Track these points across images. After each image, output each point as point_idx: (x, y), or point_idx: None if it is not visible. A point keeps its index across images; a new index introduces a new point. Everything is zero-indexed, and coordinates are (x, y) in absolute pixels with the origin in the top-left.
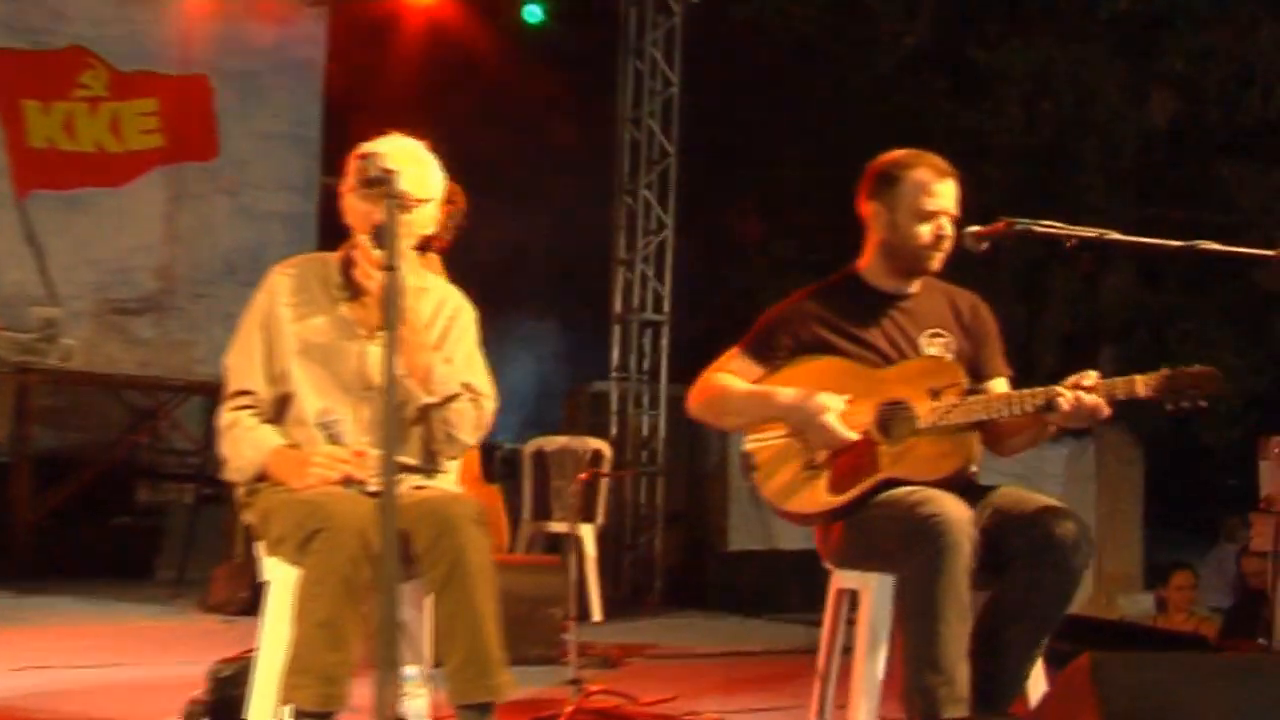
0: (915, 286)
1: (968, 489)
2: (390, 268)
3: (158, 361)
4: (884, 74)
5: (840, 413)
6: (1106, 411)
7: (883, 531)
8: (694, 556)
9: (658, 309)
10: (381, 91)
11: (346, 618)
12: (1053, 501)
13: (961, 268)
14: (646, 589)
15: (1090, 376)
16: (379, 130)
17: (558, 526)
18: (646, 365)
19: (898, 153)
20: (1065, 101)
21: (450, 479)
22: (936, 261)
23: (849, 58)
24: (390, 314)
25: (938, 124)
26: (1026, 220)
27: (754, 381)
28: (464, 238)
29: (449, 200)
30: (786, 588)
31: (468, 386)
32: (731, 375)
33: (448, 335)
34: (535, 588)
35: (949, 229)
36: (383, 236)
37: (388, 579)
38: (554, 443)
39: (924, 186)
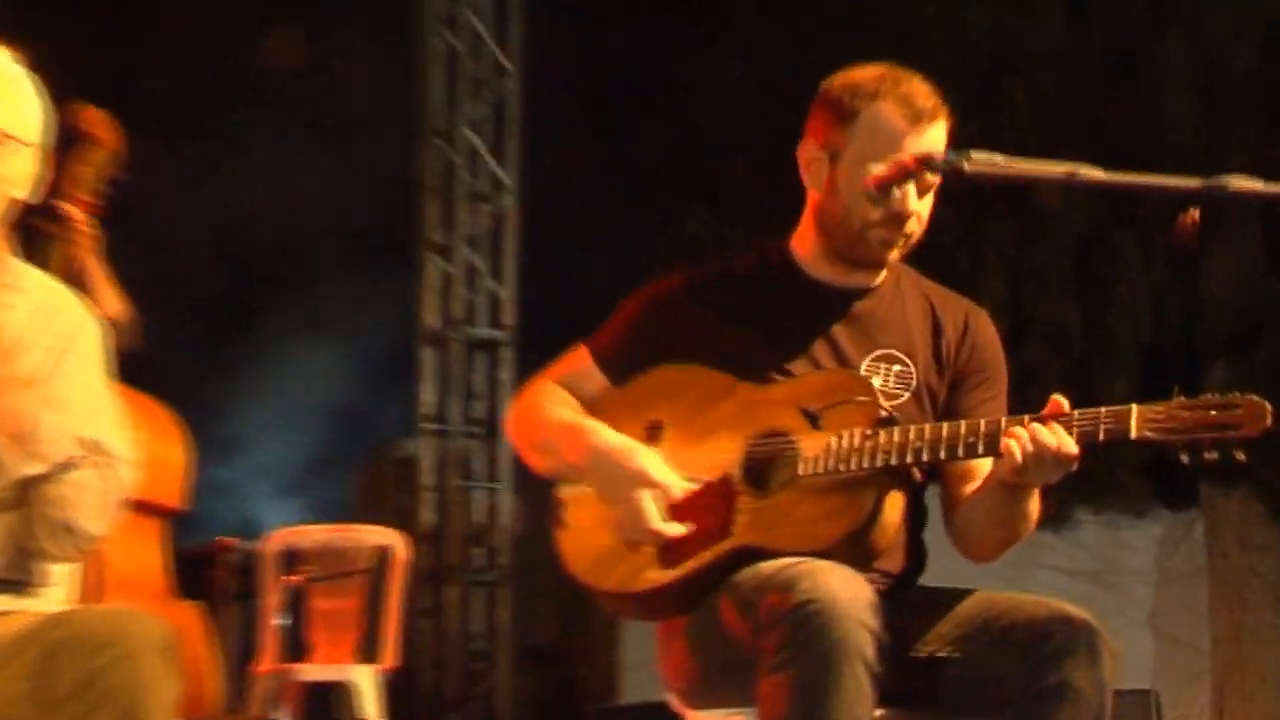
0: (879, 279)
1: (900, 580)
2: None
3: None
4: None
5: (672, 497)
6: (1074, 456)
7: (735, 632)
8: (564, 714)
9: (495, 321)
10: None
11: None
12: (1064, 607)
13: (977, 243)
14: None
15: (1062, 404)
16: None
17: (316, 672)
18: (479, 412)
19: (863, 71)
20: None
21: (56, 597)
22: (891, 251)
23: None
24: None
25: (940, 23)
26: (962, 154)
27: (594, 397)
28: (139, 205)
29: (83, 139)
30: None
31: (90, 445)
32: (560, 389)
33: (58, 367)
34: None
35: (916, 204)
36: None
37: None
38: (310, 537)
39: (888, 131)
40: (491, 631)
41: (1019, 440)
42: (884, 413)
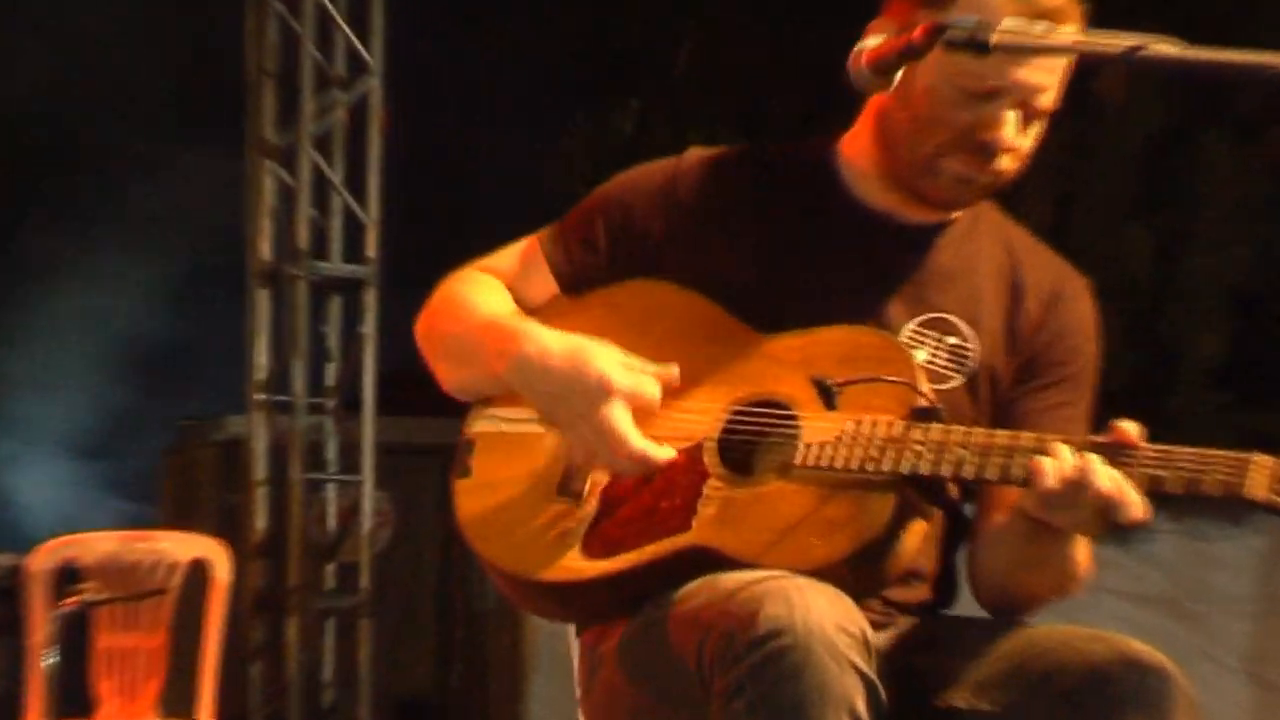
0: (950, 215)
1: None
2: None
3: None
4: None
5: (651, 405)
6: (1136, 506)
7: (688, 659)
8: None
9: (354, 254)
10: None
11: None
12: (1129, 645)
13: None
14: None
15: (1129, 433)
16: None
17: None
18: (332, 378)
19: None
20: None
21: None
22: (968, 194)
23: None
24: None
25: None
26: (985, 23)
27: (536, 306)
28: None
29: None
30: None
31: None
32: (492, 279)
33: None
34: None
35: (1015, 134)
36: None
37: None
38: (93, 548)
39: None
40: (347, 676)
41: (1058, 463)
42: (923, 401)
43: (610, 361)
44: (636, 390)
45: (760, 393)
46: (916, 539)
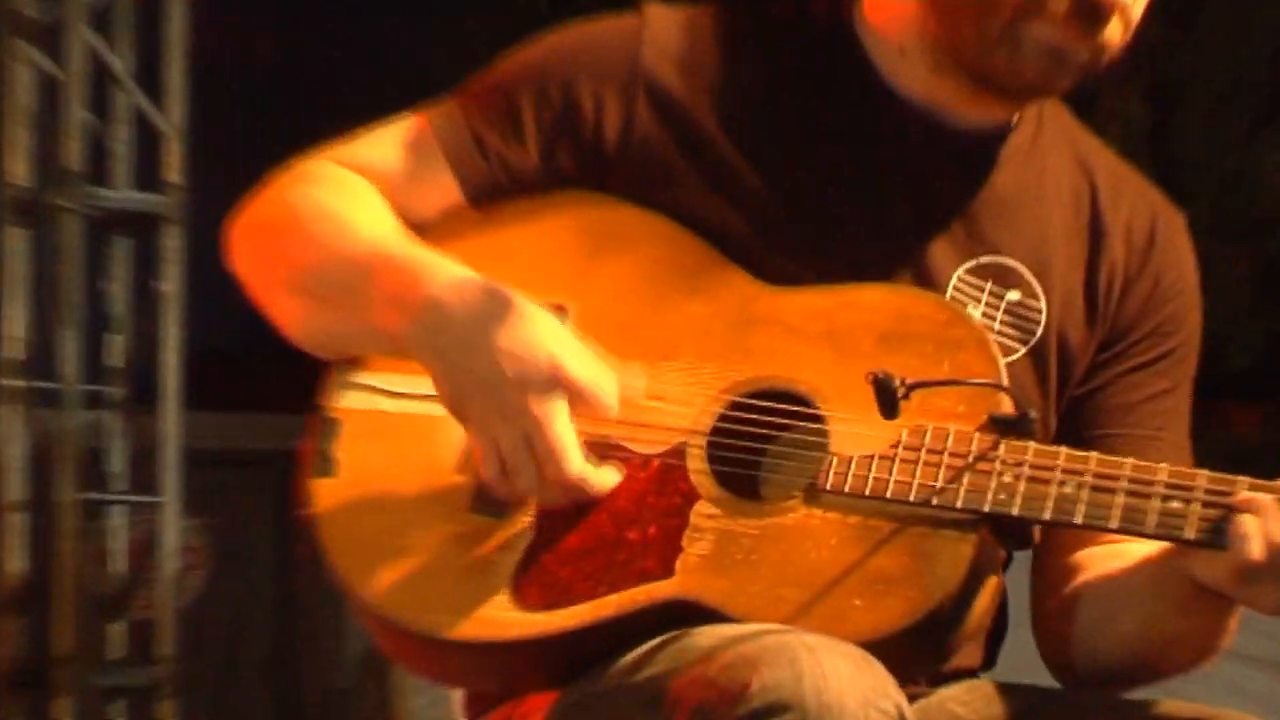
0: (1013, 117)
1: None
2: None
3: None
4: None
5: (604, 413)
6: None
7: None
8: None
9: (149, 179)
10: None
11: None
12: None
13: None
14: None
15: None
16: None
17: None
18: (117, 354)
19: None
20: None
21: None
22: (1058, 72)
23: None
24: None
25: None
26: None
27: (424, 221)
28: None
29: None
30: None
31: None
32: (356, 177)
33: None
34: None
35: None
36: None
37: None
38: None
39: None
40: None
41: (1263, 522)
42: (1009, 407)
43: (563, 339)
44: (594, 388)
45: (768, 377)
46: (989, 598)
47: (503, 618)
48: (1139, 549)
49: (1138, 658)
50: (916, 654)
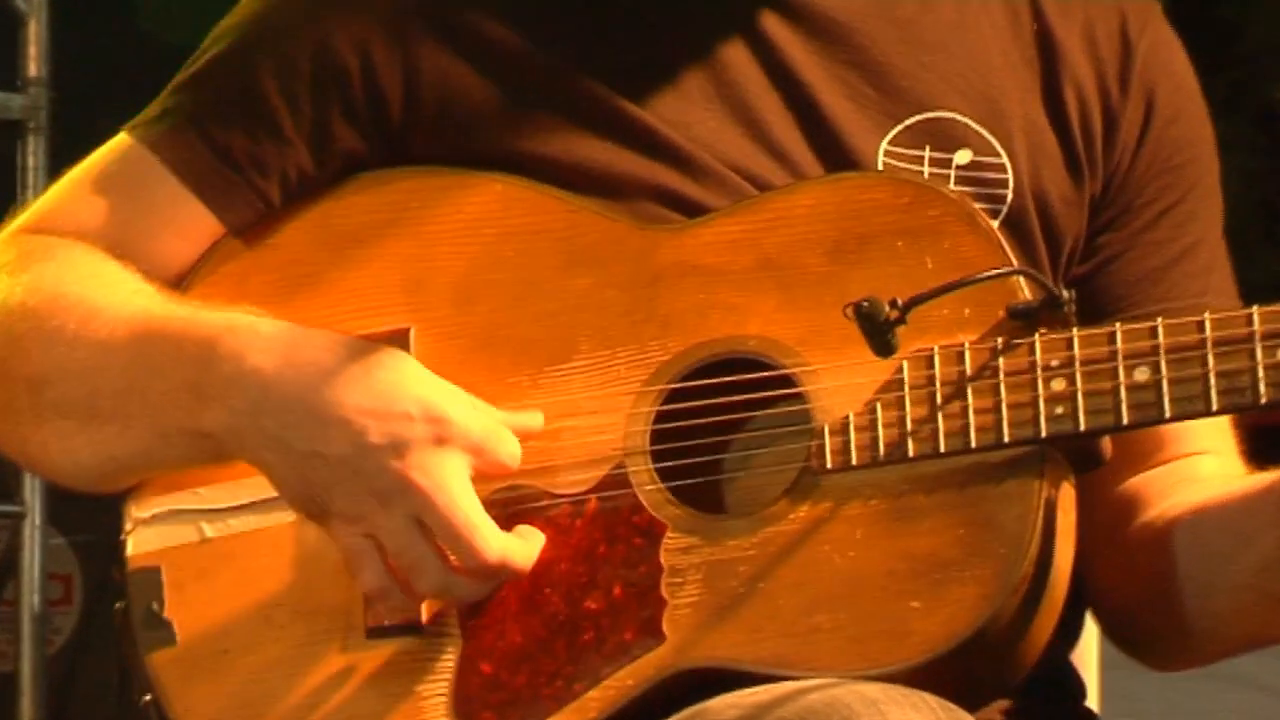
0: None
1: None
2: None
3: None
4: None
5: (503, 472)
6: None
7: None
8: None
9: (4, 75)
10: None
11: None
12: None
13: None
14: None
15: None
16: None
17: None
18: None
19: None
20: None
21: None
22: None
23: None
24: None
25: None
26: None
27: (181, 271)
28: None
29: None
30: None
31: None
32: (83, 249)
33: None
34: None
35: None
36: None
37: None
38: None
39: None
40: None
41: None
42: (1029, 292)
43: (426, 377)
44: (483, 434)
45: (703, 345)
46: (1070, 555)
47: None
48: (1211, 466)
49: (1244, 612)
50: (1006, 655)
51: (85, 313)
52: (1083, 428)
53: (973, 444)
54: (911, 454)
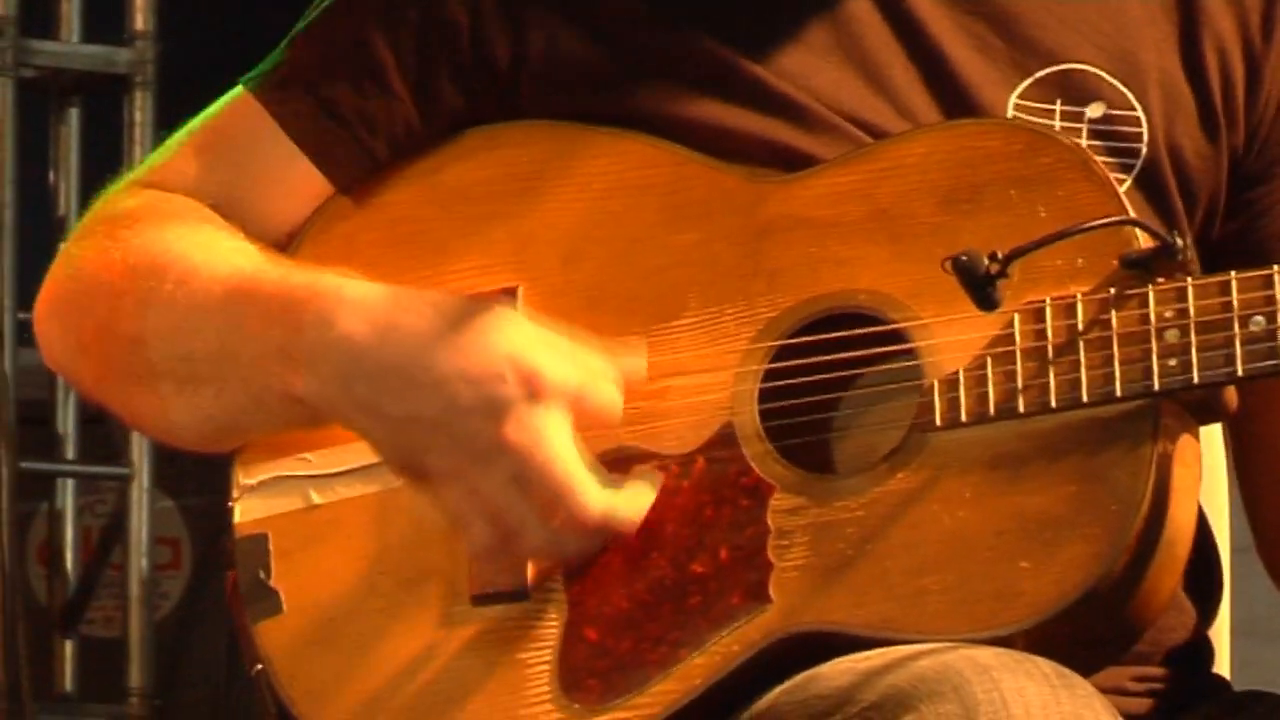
0: None
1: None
2: None
3: None
4: None
5: (608, 420)
6: None
7: None
8: None
9: (109, 29)
10: None
11: None
12: None
13: None
14: None
15: None
16: None
17: None
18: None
19: None
20: None
21: None
22: None
23: None
24: None
25: None
26: None
27: (293, 230)
28: None
29: None
30: None
31: None
32: (194, 206)
33: None
34: None
35: None
36: None
37: None
38: None
39: None
40: None
41: None
42: (1144, 240)
43: (523, 332)
44: (583, 385)
45: (813, 300)
46: (1191, 511)
47: None
48: None
49: None
50: (1121, 615)
51: (182, 273)
52: (1196, 380)
53: (1084, 399)
54: (1022, 410)
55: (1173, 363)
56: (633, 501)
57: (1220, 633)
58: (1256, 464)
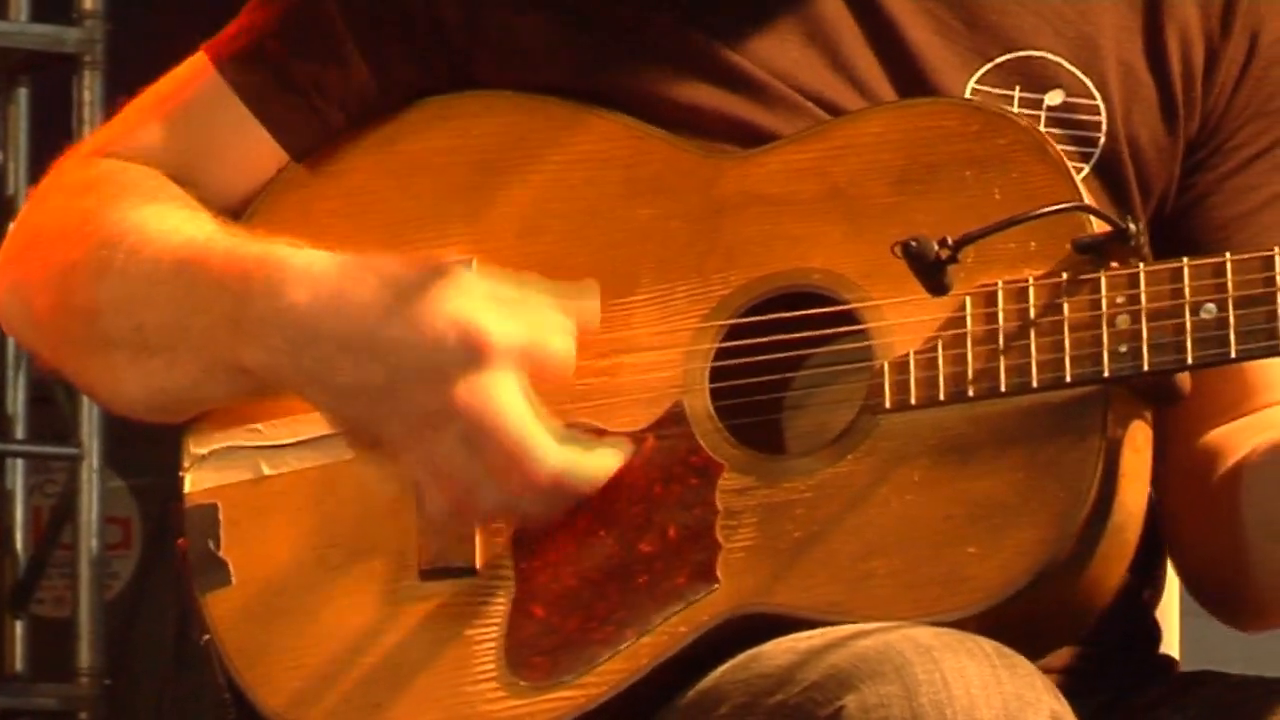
0: None
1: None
2: None
3: None
4: None
5: (561, 372)
6: None
7: None
8: None
9: (56, 7)
10: None
11: None
12: None
13: None
14: None
15: None
16: None
17: None
18: None
19: None
20: None
21: None
22: None
23: None
24: None
25: None
26: None
27: (248, 196)
28: None
29: None
30: None
31: None
32: (150, 173)
33: None
34: None
35: None
36: None
37: None
38: None
39: None
40: None
41: None
42: (1097, 225)
43: (467, 291)
44: (535, 346)
45: (766, 278)
46: (1141, 496)
47: (506, 710)
48: None
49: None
50: (1070, 601)
51: (135, 243)
52: (1146, 367)
53: (1034, 383)
54: (971, 394)
55: (1123, 349)
56: (593, 461)
57: (1169, 612)
58: (1175, 476)
